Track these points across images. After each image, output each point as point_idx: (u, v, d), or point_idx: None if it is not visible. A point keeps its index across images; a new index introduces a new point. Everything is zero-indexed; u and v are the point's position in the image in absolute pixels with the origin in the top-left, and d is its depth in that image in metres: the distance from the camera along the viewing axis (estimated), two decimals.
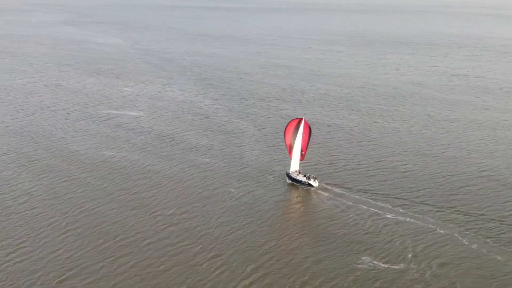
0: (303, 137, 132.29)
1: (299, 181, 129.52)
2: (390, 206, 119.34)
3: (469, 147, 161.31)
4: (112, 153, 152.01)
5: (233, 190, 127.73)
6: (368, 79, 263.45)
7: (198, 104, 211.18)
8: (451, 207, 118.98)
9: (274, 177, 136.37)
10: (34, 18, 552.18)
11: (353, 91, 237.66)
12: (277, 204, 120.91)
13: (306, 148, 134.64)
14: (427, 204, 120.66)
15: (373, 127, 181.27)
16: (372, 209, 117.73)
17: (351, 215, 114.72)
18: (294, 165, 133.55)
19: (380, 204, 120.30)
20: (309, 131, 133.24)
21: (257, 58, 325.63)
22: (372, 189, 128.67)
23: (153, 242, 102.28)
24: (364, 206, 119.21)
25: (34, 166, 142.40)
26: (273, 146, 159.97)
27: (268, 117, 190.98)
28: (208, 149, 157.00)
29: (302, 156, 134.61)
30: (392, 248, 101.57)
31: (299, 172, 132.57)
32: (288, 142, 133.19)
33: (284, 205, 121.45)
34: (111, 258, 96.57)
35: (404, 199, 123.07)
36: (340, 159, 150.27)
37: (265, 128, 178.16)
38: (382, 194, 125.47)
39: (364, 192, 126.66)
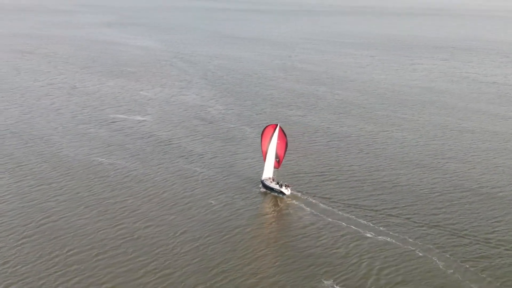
0: (278, 144, 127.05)
1: (272, 189, 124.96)
2: (366, 222, 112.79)
3: (473, 160, 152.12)
4: (102, 159, 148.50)
5: (211, 201, 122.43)
6: (392, 86, 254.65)
7: (207, 109, 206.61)
8: (435, 225, 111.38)
9: (259, 188, 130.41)
10: (76, 19, 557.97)
11: (372, 97, 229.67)
12: (249, 218, 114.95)
13: (284, 156, 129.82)
14: (409, 220, 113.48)
15: (379, 136, 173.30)
16: (345, 224, 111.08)
17: (322, 231, 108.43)
18: (267, 172, 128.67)
19: (356, 218, 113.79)
20: (285, 138, 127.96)
21: (282, 62, 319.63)
22: (352, 202, 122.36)
23: (104, 258, 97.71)
24: (339, 221, 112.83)
25: (19, 171, 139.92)
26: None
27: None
28: (200, 157, 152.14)
29: (278, 164, 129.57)
30: (358, 271, 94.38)
31: (273, 180, 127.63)
32: (264, 148, 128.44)
33: (255, 219, 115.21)
34: (55, 274, 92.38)
35: (384, 214, 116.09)
36: (329, 169, 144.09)
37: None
38: (361, 208, 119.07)
39: (341, 205, 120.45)
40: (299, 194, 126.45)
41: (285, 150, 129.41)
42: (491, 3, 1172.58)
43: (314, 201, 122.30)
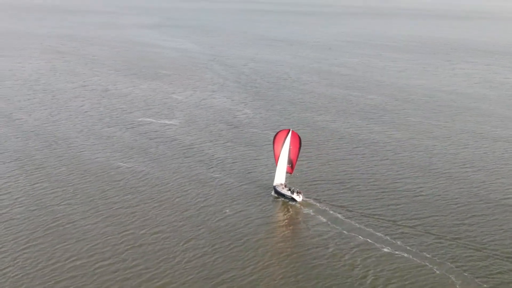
0: (291, 149, 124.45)
1: (283, 195, 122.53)
2: (381, 233, 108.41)
3: (503, 171, 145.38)
4: (120, 163, 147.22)
5: (222, 208, 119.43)
6: (429, 91, 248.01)
7: (235, 113, 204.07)
8: (455, 239, 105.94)
9: (271, 194, 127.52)
10: (119, 21, 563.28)
11: (406, 103, 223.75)
12: (258, 227, 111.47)
13: (296, 161, 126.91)
14: (428, 233, 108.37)
15: (407, 144, 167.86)
16: (358, 235, 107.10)
17: (332, 242, 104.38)
18: (279, 178, 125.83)
19: (370, 229, 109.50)
20: (299, 143, 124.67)
21: (319, 66, 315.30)
22: (367, 211, 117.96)
23: (103, 266, 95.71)
24: (351, 232, 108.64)
25: (36, 173, 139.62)
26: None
27: (299, 129, 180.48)
28: (220, 162, 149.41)
29: (291, 169, 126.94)
30: None
31: (285, 185, 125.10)
32: (276, 153, 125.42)
33: (263, 228, 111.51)
34: (52, 282, 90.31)
35: (401, 226, 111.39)
36: (349, 176, 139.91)
37: None
38: (377, 218, 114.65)
39: (356, 214, 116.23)
40: (312, 200, 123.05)
41: (298, 155, 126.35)
42: None
43: (327, 209, 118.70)
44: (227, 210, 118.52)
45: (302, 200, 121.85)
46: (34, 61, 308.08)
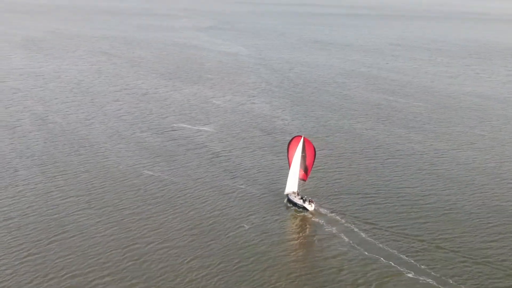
0: (305, 156, 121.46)
1: (295, 204, 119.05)
2: (400, 254, 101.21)
3: None
4: (144, 171, 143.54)
5: (237, 222, 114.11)
6: (479, 99, 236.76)
7: (272, 119, 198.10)
8: (484, 262, 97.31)
9: (284, 202, 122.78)
10: (172, 23, 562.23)
11: (452, 111, 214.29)
12: (270, 245, 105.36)
13: (311, 168, 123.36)
14: (455, 254, 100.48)
15: (447, 155, 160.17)
16: (373, 255, 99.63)
17: (346, 263, 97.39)
18: (291, 186, 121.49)
19: (388, 248, 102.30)
20: (313, 150, 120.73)
21: (367, 70, 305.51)
22: (387, 227, 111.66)
23: (99, 284, 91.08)
24: (367, 251, 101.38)
25: (55, 180, 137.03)
26: (319, 170, 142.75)
27: (329, 137, 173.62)
28: (245, 171, 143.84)
29: (306, 176, 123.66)
30: None
31: (297, 194, 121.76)
32: (290, 160, 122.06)
33: (276, 246, 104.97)
34: None
35: (424, 245, 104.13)
36: (375, 188, 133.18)
37: (322, 149, 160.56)
38: (397, 235, 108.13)
39: (375, 230, 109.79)
40: (325, 211, 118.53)
41: (313, 162, 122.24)
42: None
43: (343, 221, 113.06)
44: (243, 224, 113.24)
45: (314, 209, 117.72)
46: (81, 63, 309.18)
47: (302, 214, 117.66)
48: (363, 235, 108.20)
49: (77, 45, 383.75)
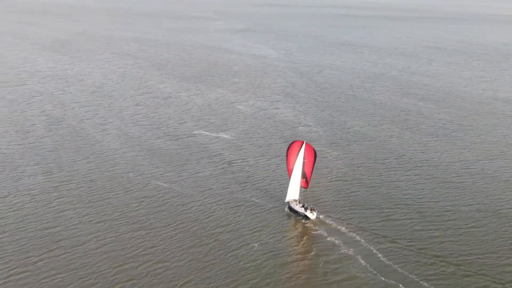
0: (305, 162, 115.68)
1: (296, 212, 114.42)
2: (404, 270, 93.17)
3: None
4: (152, 181, 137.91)
5: (240, 239, 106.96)
6: None
7: (294, 125, 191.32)
8: (500, 283, 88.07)
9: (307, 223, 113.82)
10: (205, 26, 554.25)
11: (485, 119, 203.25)
12: (272, 267, 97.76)
13: (311, 175, 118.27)
14: (468, 275, 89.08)
15: (474, 166, 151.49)
16: (376, 272, 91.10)
17: (343, 270, 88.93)
18: (292, 194, 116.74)
19: (392, 264, 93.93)
20: (313, 156, 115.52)
21: (399, 74, 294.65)
22: (396, 241, 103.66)
23: None
24: (371, 268, 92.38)
25: (58, 189, 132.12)
26: (335, 179, 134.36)
27: (352, 144, 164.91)
28: (257, 182, 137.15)
29: (306, 183, 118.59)
30: None
31: (299, 201, 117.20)
32: (290, 167, 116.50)
33: (278, 269, 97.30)
34: None
35: (433, 261, 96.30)
36: (390, 201, 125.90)
37: (342, 158, 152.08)
38: (406, 250, 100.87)
39: (372, 236, 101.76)
40: (329, 220, 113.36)
41: (313, 169, 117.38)
42: None
43: (347, 231, 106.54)
44: (247, 242, 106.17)
45: (316, 218, 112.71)
46: (106, 66, 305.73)
47: (307, 225, 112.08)
48: (379, 256, 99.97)
49: (105, 47, 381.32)
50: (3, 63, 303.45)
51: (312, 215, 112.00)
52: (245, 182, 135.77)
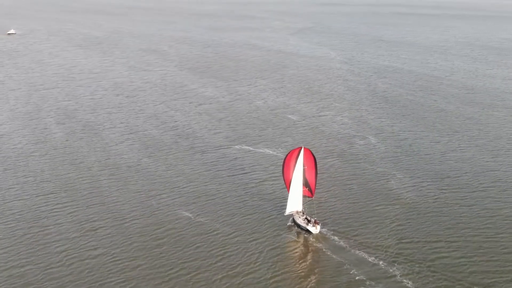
0: (306, 169, 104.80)
1: (298, 225, 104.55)
2: None
3: None
4: (153, 203, 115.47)
5: (240, 266, 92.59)
6: None
7: (350, 139, 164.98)
8: None
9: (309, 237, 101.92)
10: (259, 25, 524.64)
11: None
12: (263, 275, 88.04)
13: (315, 182, 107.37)
14: None
15: (505, 176, 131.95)
16: None
17: None
18: (293, 205, 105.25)
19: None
20: (314, 161, 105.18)
21: (456, 79, 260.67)
22: (402, 259, 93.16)
23: None
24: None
25: (45, 218, 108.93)
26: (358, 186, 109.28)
27: (384, 150, 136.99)
28: (280, 202, 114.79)
29: (311, 193, 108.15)
30: None
31: (303, 213, 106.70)
32: (287, 177, 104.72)
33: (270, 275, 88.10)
34: None
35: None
36: (407, 213, 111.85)
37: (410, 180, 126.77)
38: (419, 267, 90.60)
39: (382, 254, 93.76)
40: (332, 234, 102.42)
41: (316, 175, 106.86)
42: None
43: (351, 248, 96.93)
44: (244, 267, 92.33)
45: (320, 232, 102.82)
46: (148, 69, 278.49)
47: (309, 240, 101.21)
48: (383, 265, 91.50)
49: (146, 46, 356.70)
50: (61, 64, 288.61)
51: (314, 229, 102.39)
52: (261, 208, 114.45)
